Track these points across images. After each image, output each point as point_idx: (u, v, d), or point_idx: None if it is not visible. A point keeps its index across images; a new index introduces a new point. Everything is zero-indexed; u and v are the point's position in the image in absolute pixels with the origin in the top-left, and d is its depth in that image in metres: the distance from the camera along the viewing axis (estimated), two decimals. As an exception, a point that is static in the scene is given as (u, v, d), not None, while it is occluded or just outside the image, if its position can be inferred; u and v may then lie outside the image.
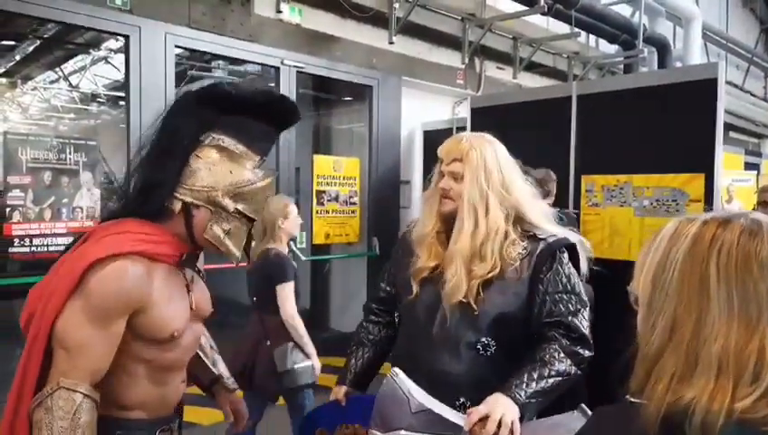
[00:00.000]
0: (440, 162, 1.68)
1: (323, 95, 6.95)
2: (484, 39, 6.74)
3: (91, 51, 7.17)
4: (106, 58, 7.45)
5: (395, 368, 1.42)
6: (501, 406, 1.36)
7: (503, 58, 7.33)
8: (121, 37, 4.34)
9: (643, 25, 7.75)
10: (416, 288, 1.63)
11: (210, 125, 1.36)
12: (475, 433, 1.32)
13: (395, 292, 1.76)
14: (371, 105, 5.85)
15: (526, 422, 1.40)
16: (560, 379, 1.46)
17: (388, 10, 5.78)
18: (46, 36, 6.52)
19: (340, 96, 6.86)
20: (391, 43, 5.88)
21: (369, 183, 5.78)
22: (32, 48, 6.94)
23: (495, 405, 1.36)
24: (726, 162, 4.28)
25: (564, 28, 7.29)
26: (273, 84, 5.25)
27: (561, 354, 1.49)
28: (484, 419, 1.33)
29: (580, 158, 4.03)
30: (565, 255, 1.59)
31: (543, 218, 1.63)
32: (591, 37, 8.50)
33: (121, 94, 6.85)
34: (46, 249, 3.75)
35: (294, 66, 5.14)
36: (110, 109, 9.29)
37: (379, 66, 5.93)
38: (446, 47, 6.67)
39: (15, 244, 3.66)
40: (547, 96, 4.35)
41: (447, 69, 6.68)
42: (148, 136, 1.37)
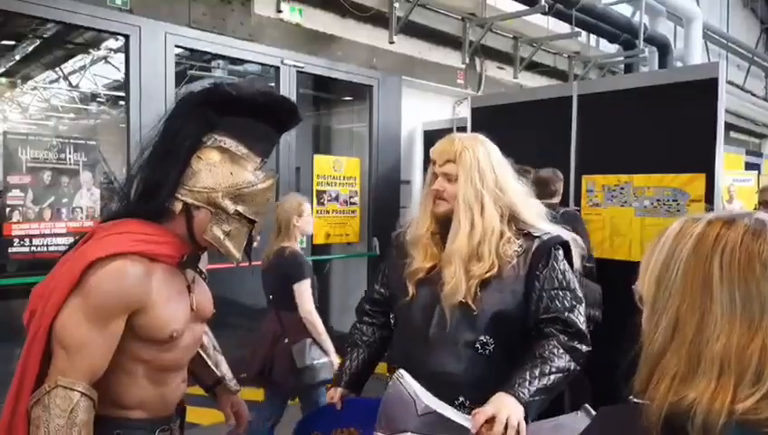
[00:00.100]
0: (433, 164, 1.68)
1: (324, 95, 6.95)
2: (484, 39, 6.74)
3: (91, 51, 7.18)
4: (106, 58, 7.46)
5: (400, 370, 1.41)
6: (506, 407, 1.35)
7: (503, 58, 7.33)
8: (121, 37, 4.33)
9: (644, 25, 7.74)
10: (411, 289, 1.63)
11: (212, 126, 1.36)
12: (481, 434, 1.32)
13: (389, 293, 1.76)
14: (372, 105, 5.85)
15: (531, 423, 1.39)
16: (561, 375, 1.47)
17: (388, 10, 5.78)
18: (46, 36, 6.53)
19: (341, 96, 6.86)
20: (392, 43, 5.88)
21: (369, 183, 5.78)
22: (32, 48, 6.94)
23: (501, 406, 1.36)
24: (727, 162, 4.28)
25: (565, 28, 7.29)
26: (273, 84, 5.25)
27: (561, 350, 1.49)
28: (490, 420, 1.33)
29: (580, 158, 4.02)
30: (560, 252, 1.60)
31: (537, 217, 1.64)
32: (592, 37, 8.50)
33: (121, 94, 6.86)
34: (46, 249, 3.74)
35: (294, 66, 5.13)
36: (110, 109, 9.30)
37: (380, 66, 5.93)
38: (447, 47, 6.67)
39: (15, 244, 3.65)
40: (547, 96, 4.34)
41: (448, 69, 6.67)
42: (151, 137, 1.37)
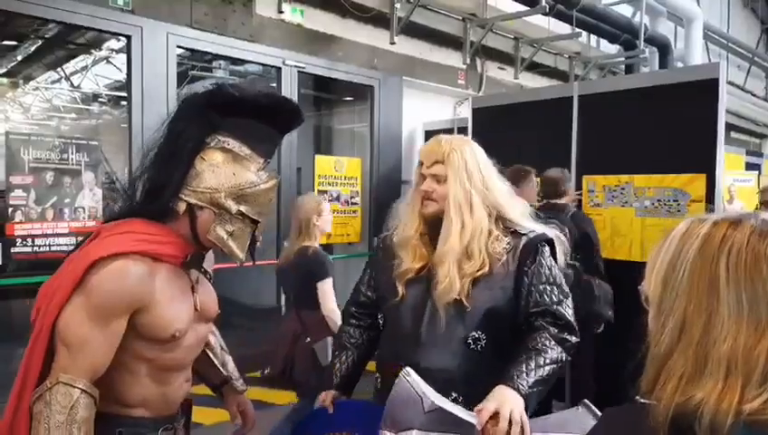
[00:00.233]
0: (420, 165, 1.71)
1: (325, 95, 6.97)
2: (485, 39, 6.75)
3: (93, 51, 7.19)
4: (107, 58, 7.47)
5: (407, 368, 1.43)
6: (508, 401, 1.38)
7: (504, 58, 7.34)
8: (123, 37, 4.35)
9: (644, 25, 7.75)
10: (401, 290, 1.65)
11: (215, 127, 1.37)
12: (487, 431, 1.34)
13: (378, 295, 1.79)
14: (373, 105, 5.86)
15: (534, 419, 1.42)
16: (555, 366, 1.52)
17: (389, 10, 5.79)
18: (48, 36, 6.54)
19: (342, 96, 6.87)
20: (392, 44, 5.89)
21: (370, 183, 5.79)
22: (33, 48, 6.95)
23: (503, 400, 1.38)
24: (727, 162, 4.29)
25: (565, 28, 7.30)
26: (274, 84, 5.26)
27: (552, 342, 1.54)
28: (494, 415, 1.36)
29: (581, 158, 4.03)
30: (546, 248, 1.65)
31: (521, 216, 1.69)
32: (593, 37, 8.51)
33: (123, 94, 6.85)
34: (48, 249, 3.75)
35: (296, 66, 5.14)
36: (112, 109, 9.30)
37: (381, 66, 5.93)
38: (448, 47, 6.67)
39: (18, 244, 3.66)
40: (548, 96, 4.35)
41: (449, 69, 6.68)
42: (154, 139, 1.38)
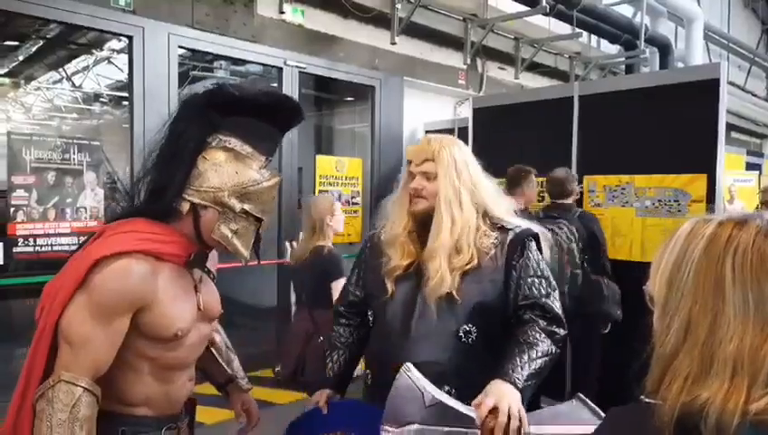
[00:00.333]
0: (408, 164, 1.75)
1: (326, 95, 6.97)
2: (485, 39, 6.75)
3: (94, 51, 7.19)
4: (109, 58, 7.48)
5: (407, 363, 1.44)
6: (506, 395, 1.41)
7: (504, 58, 7.34)
8: (124, 37, 4.36)
9: (645, 26, 7.75)
10: (391, 287, 1.68)
11: (216, 127, 1.37)
12: (487, 425, 1.35)
13: (366, 293, 1.81)
14: (373, 105, 5.87)
15: (530, 413, 1.44)
16: (546, 359, 1.55)
17: (390, 10, 5.79)
18: (49, 36, 6.54)
19: (343, 96, 6.88)
20: (393, 44, 5.89)
21: (371, 183, 5.79)
22: (35, 48, 6.96)
23: (501, 395, 1.40)
24: (728, 163, 4.29)
25: (566, 28, 7.30)
26: (275, 84, 5.26)
27: (542, 335, 1.58)
28: (492, 410, 1.38)
29: (581, 158, 4.03)
30: (533, 243, 1.69)
31: (507, 213, 1.73)
32: (593, 37, 8.51)
33: (124, 94, 6.86)
34: (50, 249, 3.76)
35: (297, 66, 5.15)
36: (113, 109, 9.31)
37: (382, 66, 5.94)
38: (448, 47, 6.68)
39: (20, 243, 3.67)
40: (549, 96, 4.36)
41: (449, 69, 6.69)
42: (156, 139, 1.38)
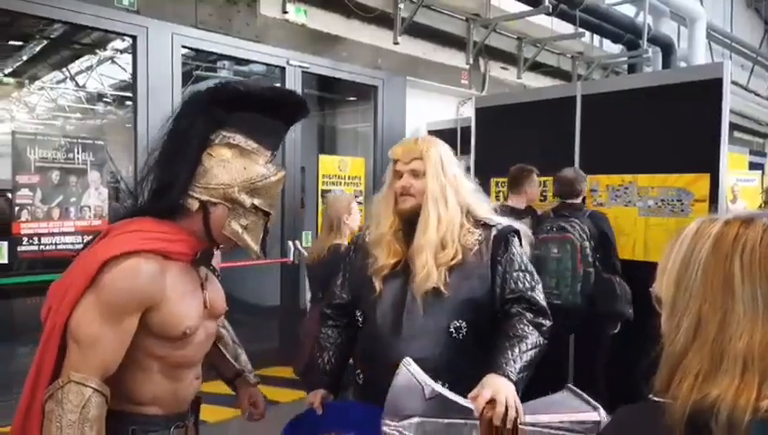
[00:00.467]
0: (394, 163, 1.79)
1: (328, 95, 6.97)
2: (488, 39, 6.75)
3: (98, 51, 7.20)
4: (112, 58, 7.49)
5: (407, 358, 1.46)
6: (502, 388, 1.43)
7: (507, 58, 7.35)
8: (128, 37, 4.37)
9: (647, 25, 7.74)
10: (379, 285, 1.70)
11: (220, 123, 1.38)
12: (485, 416, 1.38)
13: (353, 296, 1.82)
14: (376, 105, 5.87)
15: (525, 403, 1.46)
16: (536, 350, 1.59)
17: (392, 10, 5.80)
18: (53, 36, 6.55)
19: (345, 96, 6.88)
20: (396, 44, 5.90)
21: (373, 182, 5.79)
22: (39, 48, 6.97)
23: (497, 388, 1.43)
24: (731, 162, 4.28)
25: (569, 28, 7.30)
26: (278, 84, 5.27)
27: (530, 327, 1.62)
28: (490, 401, 1.41)
29: (584, 158, 4.03)
30: (516, 238, 1.74)
31: (488, 212, 1.78)
32: (596, 37, 8.51)
33: (128, 94, 6.88)
34: (54, 248, 3.78)
35: (300, 66, 5.16)
36: (117, 109, 9.33)
37: (384, 66, 5.95)
38: (451, 47, 6.68)
39: (24, 242, 3.68)
40: (551, 96, 4.36)
41: (452, 69, 6.69)
42: (160, 137, 1.38)
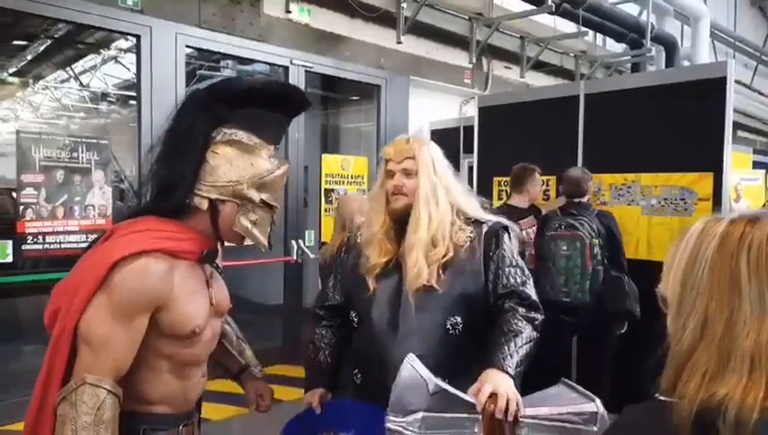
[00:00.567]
0: (385, 162, 1.78)
1: (332, 94, 6.98)
2: (491, 38, 6.76)
3: (102, 50, 7.22)
4: (116, 58, 7.50)
5: (410, 354, 1.47)
6: (502, 383, 1.45)
7: (510, 57, 7.34)
8: (132, 37, 4.38)
9: (651, 24, 7.73)
10: (372, 284, 1.70)
11: (221, 121, 1.37)
12: (488, 410, 1.40)
13: (346, 297, 1.82)
14: (379, 104, 5.87)
15: (524, 397, 1.47)
16: (530, 344, 1.61)
17: (396, 10, 5.81)
18: (57, 36, 6.57)
19: (349, 95, 6.89)
20: (399, 43, 5.91)
21: (376, 182, 5.80)
22: (43, 48, 6.98)
23: (498, 383, 1.44)
24: (734, 161, 4.27)
25: (572, 27, 7.30)
26: (281, 83, 5.27)
27: (524, 322, 1.63)
28: (491, 395, 1.42)
29: (587, 157, 4.03)
30: (506, 234, 1.76)
31: (478, 209, 1.79)
32: (599, 36, 8.49)
33: (132, 93, 6.88)
34: (59, 247, 3.79)
35: (303, 66, 5.17)
36: (121, 108, 9.33)
37: (387, 66, 5.95)
38: (454, 46, 6.68)
39: (29, 241, 3.70)
40: (554, 95, 4.36)
41: (455, 68, 6.69)
42: (161, 136, 1.38)
